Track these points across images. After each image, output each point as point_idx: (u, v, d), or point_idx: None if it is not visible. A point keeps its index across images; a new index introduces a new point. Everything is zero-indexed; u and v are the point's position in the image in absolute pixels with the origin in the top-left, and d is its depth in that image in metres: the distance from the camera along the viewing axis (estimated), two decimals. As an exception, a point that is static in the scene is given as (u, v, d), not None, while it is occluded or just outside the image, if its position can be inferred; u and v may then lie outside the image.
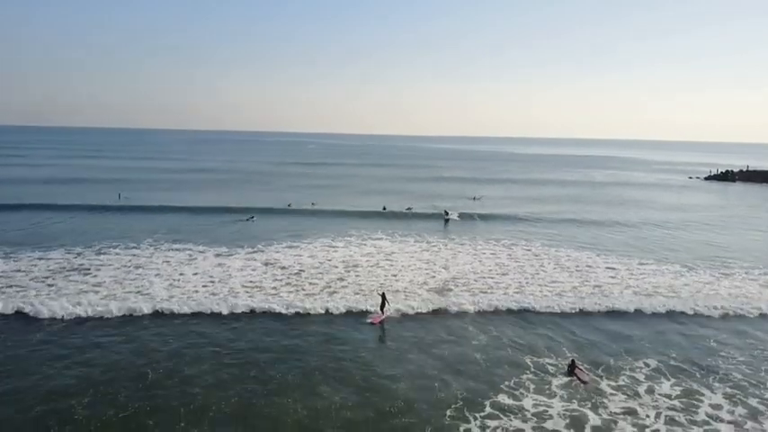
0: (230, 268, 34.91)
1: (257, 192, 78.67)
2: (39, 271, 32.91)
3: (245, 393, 18.81)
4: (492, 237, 47.63)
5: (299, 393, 18.95)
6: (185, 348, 22.35)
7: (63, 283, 30.69)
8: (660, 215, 64.07)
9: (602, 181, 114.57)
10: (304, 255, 39.17)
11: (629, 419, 17.78)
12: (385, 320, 26.93)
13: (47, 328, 24.24)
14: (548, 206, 69.95)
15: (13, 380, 19.27)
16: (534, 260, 39.28)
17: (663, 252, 43.28)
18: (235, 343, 23.24)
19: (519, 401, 18.77)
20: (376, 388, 19.59)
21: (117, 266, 34.43)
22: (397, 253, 40.52)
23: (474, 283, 32.93)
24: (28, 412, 17.22)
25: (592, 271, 36.50)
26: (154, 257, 37.05)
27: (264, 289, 30.79)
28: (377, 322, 26.63)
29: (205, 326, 25.06)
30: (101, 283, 30.75)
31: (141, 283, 30.92)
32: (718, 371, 21.68)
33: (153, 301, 27.63)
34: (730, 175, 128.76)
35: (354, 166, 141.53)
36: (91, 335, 23.63)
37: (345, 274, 34.37)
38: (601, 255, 41.54)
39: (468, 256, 40.04)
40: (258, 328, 25.02)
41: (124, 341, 23.09)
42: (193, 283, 31.31)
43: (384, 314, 27.26)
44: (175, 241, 42.38)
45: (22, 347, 22.11)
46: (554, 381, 20.43)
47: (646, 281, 34.42)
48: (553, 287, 32.45)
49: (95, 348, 22.26)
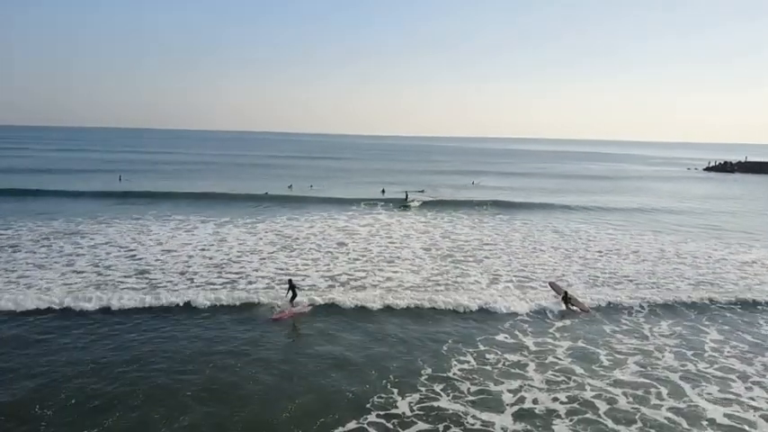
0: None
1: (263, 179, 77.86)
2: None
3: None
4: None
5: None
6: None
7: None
8: (661, 201, 63.85)
9: (604, 174, 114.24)
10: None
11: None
12: (295, 316, 21.89)
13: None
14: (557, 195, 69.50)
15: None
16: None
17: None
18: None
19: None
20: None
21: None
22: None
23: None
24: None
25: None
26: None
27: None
28: (283, 318, 21.59)
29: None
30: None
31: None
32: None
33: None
34: (729, 166, 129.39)
35: (351, 160, 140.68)
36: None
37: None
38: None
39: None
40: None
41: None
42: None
43: (293, 308, 22.28)
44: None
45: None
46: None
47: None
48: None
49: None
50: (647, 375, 17.68)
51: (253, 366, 17.41)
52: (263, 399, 15.56)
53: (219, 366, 17.33)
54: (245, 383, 16.30)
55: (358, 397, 15.75)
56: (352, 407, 15.22)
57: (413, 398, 15.81)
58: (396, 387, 16.39)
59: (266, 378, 16.70)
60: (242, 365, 17.45)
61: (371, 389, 16.22)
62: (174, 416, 14.40)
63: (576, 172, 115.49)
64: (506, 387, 16.68)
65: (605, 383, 17.03)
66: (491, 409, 15.37)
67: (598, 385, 16.91)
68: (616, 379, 17.36)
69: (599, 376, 17.57)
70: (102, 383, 16.00)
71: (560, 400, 16.00)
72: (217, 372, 16.96)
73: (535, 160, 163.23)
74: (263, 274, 27.97)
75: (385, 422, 14.53)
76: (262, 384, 16.36)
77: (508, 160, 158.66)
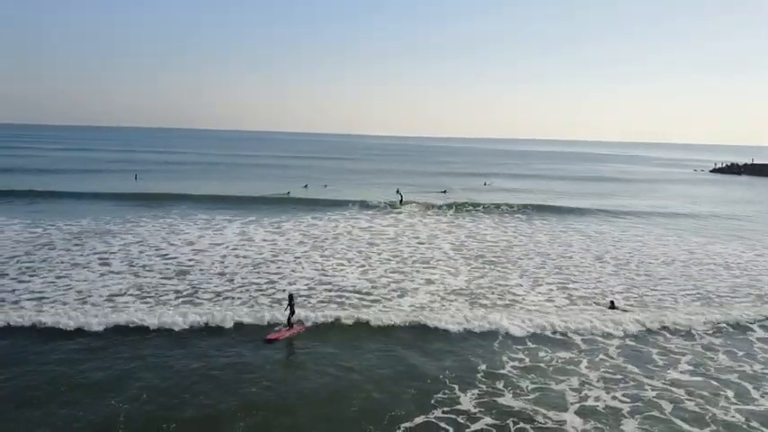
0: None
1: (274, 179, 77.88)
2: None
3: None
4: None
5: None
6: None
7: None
8: (678, 204, 63.94)
9: (614, 176, 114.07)
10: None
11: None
12: (292, 335, 19.68)
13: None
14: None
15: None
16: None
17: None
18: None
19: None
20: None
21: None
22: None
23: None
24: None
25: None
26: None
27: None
28: (279, 338, 19.33)
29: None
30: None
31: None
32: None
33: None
34: (736, 168, 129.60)
35: (358, 161, 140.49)
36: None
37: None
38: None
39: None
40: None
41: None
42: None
43: (292, 327, 19.96)
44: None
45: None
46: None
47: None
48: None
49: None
50: (704, 375, 17.82)
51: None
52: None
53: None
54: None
55: (421, 394, 15.97)
56: (417, 403, 15.45)
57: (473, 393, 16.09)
58: (455, 383, 16.61)
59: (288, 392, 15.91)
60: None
61: (434, 387, 16.43)
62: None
63: (585, 173, 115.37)
64: (565, 384, 16.85)
65: (663, 383, 17.16)
66: (555, 406, 15.50)
67: (656, 384, 17.05)
68: (673, 378, 17.50)
69: (655, 375, 17.72)
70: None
71: (621, 398, 16.13)
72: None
73: (540, 161, 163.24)
74: (301, 274, 28.06)
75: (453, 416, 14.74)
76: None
77: (512, 161, 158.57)
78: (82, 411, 14.50)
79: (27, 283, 25.19)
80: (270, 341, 19.22)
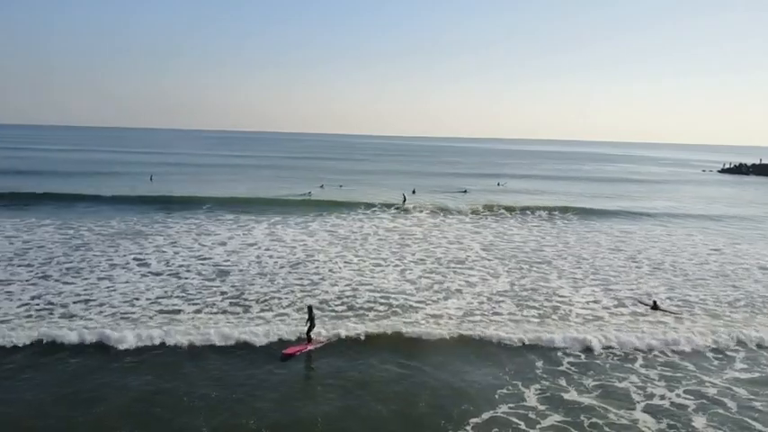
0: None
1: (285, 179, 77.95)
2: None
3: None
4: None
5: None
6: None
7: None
8: (695, 204, 63.94)
9: (625, 177, 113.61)
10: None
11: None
12: (311, 351, 18.39)
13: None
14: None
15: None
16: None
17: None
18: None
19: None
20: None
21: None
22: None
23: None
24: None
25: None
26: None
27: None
28: (294, 353, 18.04)
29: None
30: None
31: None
32: None
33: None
34: (744, 168, 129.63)
35: (368, 162, 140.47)
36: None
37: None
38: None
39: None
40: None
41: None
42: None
43: (311, 341, 18.66)
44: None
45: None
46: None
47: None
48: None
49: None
50: (762, 373, 17.92)
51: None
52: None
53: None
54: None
55: (490, 385, 16.25)
56: (482, 397, 15.70)
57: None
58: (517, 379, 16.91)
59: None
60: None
61: (498, 382, 16.70)
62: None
63: (595, 174, 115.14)
64: (627, 382, 17.03)
65: (722, 380, 17.29)
66: (620, 403, 15.66)
67: (716, 382, 17.17)
68: (730, 376, 17.62)
69: (712, 372, 17.85)
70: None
71: (684, 395, 16.27)
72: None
73: (547, 161, 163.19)
74: (340, 275, 28.18)
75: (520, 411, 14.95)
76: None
77: (519, 161, 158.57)
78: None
79: (71, 285, 25.30)
80: (287, 356, 17.96)
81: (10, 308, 22.07)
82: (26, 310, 21.82)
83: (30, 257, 29.84)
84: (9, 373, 16.75)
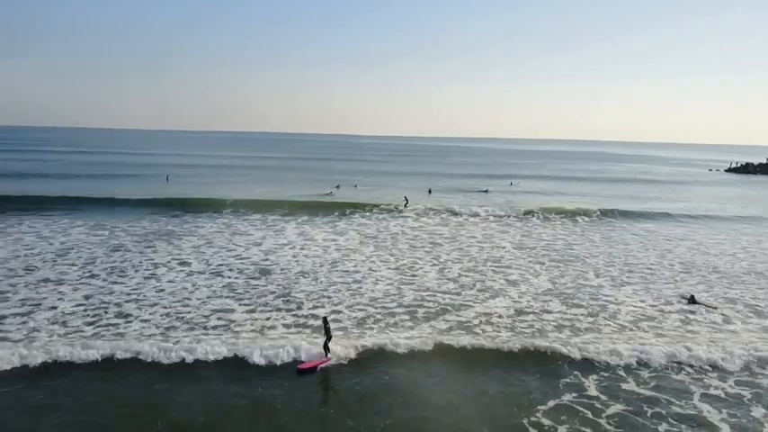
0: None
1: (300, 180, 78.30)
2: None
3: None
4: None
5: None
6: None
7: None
8: (710, 204, 64.31)
9: (633, 176, 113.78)
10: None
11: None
12: (326, 366, 17.25)
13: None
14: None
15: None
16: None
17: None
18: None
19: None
20: None
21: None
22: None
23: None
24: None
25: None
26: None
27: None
28: (309, 368, 17.03)
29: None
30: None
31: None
32: None
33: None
34: (751, 167, 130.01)
35: (376, 162, 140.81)
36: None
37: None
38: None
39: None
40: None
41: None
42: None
43: (328, 356, 17.49)
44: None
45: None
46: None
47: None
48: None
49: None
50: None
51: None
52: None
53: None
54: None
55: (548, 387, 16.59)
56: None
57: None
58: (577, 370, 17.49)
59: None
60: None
61: (557, 372, 17.24)
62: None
63: (605, 174, 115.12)
64: (682, 374, 17.58)
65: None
66: (679, 394, 16.15)
67: (766, 373, 17.66)
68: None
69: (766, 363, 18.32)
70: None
71: (736, 386, 16.74)
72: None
73: (554, 161, 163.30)
74: (381, 273, 28.64)
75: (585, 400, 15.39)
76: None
77: (527, 161, 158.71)
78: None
79: (120, 285, 25.75)
80: (303, 371, 16.95)
81: (65, 307, 22.51)
82: (84, 310, 22.14)
83: (72, 258, 30.31)
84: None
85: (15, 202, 47.55)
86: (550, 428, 14.21)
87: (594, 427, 14.36)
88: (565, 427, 14.33)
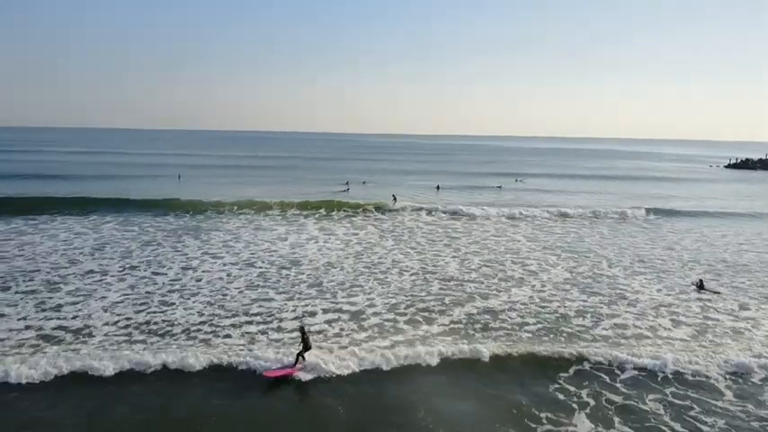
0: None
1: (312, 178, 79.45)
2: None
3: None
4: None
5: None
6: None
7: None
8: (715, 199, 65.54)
9: (633, 173, 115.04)
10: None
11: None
12: (296, 373, 16.63)
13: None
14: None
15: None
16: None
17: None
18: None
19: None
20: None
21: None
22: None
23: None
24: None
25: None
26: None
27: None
28: (277, 376, 16.33)
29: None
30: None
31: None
32: None
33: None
34: (750, 163, 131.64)
35: (377, 161, 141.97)
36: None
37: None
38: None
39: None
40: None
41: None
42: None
43: (298, 363, 16.86)
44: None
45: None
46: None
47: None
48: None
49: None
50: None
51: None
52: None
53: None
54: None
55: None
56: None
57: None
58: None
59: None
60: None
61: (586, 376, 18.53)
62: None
63: (606, 171, 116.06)
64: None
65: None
66: (708, 391, 16.86)
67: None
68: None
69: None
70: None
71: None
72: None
73: (554, 158, 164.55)
74: (406, 264, 30.13)
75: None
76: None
77: (528, 158, 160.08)
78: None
79: (161, 276, 27.13)
80: (269, 378, 16.29)
81: (113, 297, 23.85)
82: (133, 302, 23.35)
83: (109, 252, 31.71)
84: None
85: (47, 203, 47.43)
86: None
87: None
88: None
